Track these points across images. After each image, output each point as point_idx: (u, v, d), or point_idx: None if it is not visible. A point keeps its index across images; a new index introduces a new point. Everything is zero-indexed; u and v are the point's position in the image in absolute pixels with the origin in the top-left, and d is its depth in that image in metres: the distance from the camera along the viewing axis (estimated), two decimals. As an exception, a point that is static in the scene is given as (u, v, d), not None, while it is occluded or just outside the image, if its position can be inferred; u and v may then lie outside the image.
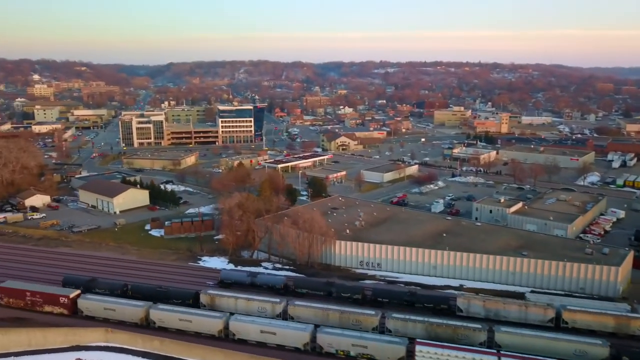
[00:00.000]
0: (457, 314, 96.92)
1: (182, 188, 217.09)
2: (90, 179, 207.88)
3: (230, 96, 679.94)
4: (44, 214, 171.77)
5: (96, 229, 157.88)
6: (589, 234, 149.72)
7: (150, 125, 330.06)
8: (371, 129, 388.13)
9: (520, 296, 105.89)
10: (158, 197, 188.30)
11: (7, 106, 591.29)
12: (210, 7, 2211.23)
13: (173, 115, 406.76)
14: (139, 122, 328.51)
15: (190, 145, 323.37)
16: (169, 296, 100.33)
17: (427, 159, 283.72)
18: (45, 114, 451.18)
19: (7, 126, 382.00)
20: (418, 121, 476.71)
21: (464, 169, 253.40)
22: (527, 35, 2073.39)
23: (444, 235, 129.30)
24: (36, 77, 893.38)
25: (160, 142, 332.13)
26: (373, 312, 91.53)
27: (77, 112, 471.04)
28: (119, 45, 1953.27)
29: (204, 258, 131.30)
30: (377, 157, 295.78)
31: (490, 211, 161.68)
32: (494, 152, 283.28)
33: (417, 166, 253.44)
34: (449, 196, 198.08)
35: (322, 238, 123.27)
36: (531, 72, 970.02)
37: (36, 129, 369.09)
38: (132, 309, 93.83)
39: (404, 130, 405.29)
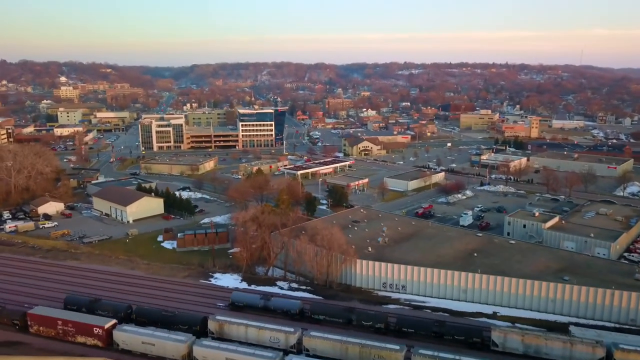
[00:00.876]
0: (491, 348, 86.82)
1: (199, 195, 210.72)
2: (106, 186, 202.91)
3: (252, 98, 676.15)
4: (55, 223, 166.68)
5: (107, 239, 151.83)
6: (634, 253, 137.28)
7: (170, 129, 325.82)
8: (395, 132, 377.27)
9: (563, 327, 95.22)
10: (173, 205, 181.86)
11: (32, 108, 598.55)
12: (234, 9, 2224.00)
13: (194, 118, 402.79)
14: (159, 126, 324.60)
15: (210, 150, 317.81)
16: (175, 321, 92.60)
17: (453, 165, 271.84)
18: (68, 116, 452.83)
19: (30, 129, 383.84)
20: (443, 124, 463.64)
21: (493, 176, 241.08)
22: (555, 36, 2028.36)
23: (475, 254, 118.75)
24: (63, 79, 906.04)
25: (180, 146, 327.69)
26: (397, 347, 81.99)
27: (99, 115, 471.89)
28: (144, 48, 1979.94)
29: (216, 275, 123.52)
30: (401, 162, 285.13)
31: (524, 226, 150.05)
32: (524, 158, 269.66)
33: (443, 173, 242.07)
34: (478, 207, 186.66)
35: (341, 256, 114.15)
36: (560, 74, 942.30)
37: (58, 131, 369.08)
38: (173, 344, 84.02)
39: (428, 134, 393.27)
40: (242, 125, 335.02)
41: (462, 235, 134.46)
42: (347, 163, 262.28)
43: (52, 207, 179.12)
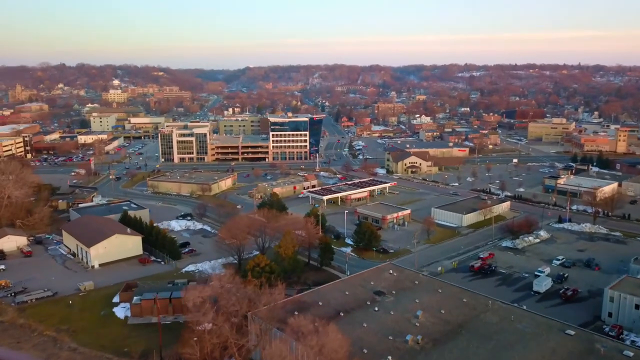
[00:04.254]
0: None
1: (198, 226, 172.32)
2: (85, 213, 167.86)
3: (299, 103, 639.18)
4: (2, 266, 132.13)
5: (50, 297, 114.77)
6: None
7: (193, 139, 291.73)
8: (450, 144, 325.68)
9: None
10: (155, 244, 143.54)
11: (77, 112, 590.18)
12: (290, 12, 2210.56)
13: (225, 126, 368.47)
14: (180, 135, 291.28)
15: (233, 163, 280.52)
16: None
17: (521, 190, 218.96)
18: (101, 121, 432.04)
19: (55, 135, 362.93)
20: (508, 134, 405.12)
21: (575, 208, 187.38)
22: (633, 35, 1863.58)
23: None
24: (116, 82, 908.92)
25: (204, 158, 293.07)
26: None
27: (133, 120, 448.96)
28: (199, 51, 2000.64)
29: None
30: (456, 184, 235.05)
31: (638, 306, 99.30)
32: (615, 183, 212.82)
33: (508, 203, 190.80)
34: (558, 259, 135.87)
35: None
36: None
37: (81, 139, 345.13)
38: None
39: (490, 146, 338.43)
40: (272, 135, 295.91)
41: (541, 329, 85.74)
42: (387, 185, 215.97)
43: (11, 241, 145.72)
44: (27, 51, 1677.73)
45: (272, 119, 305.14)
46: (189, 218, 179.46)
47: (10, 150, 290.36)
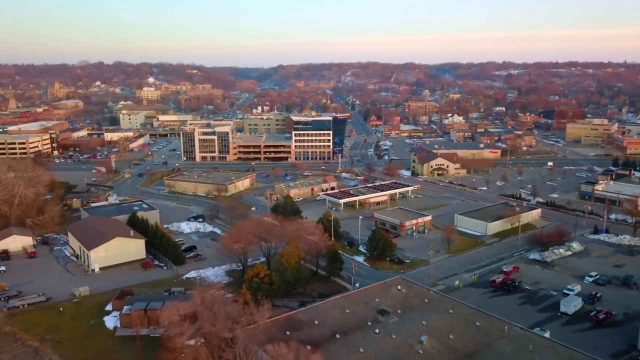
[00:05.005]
0: None
1: (209, 229, 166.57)
2: (94, 213, 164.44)
3: (328, 101, 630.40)
4: (2, 268, 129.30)
5: (42, 303, 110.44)
6: None
7: (215, 137, 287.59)
8: (481, 145, 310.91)
9: None
10: (159, 247, 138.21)
11: (110, 110, 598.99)
12: (325, 11, 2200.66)
13: (250, 125, 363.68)
14: (203, 134, 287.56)
15: (254, 163, 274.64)
16: None
17: (554, 196, 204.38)
18: (130, 119, 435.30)
19: (82, 132, 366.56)
20: (544, 135, 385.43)
21: (614, 217, 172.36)
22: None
23: None
24: (151, 80, 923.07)
25: (226, 157, 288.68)
26: None
27: (162, 118, 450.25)
28: (234, 49, 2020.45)
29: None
30: (484, 188, 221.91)
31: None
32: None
33: (539, 210, 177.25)
34: (591, 276, 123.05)
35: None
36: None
37: (108, 136, 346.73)
38: None
39: (524, 148, 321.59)
40: (295, 134, 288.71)
41: (564, 362, 75.00)
42: (409, 188, 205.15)
43: (15, 241, 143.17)
44: (68, 50, 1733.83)
45: (294, 118, 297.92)
46: (200, 220, 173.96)
47: (37, 147, 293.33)
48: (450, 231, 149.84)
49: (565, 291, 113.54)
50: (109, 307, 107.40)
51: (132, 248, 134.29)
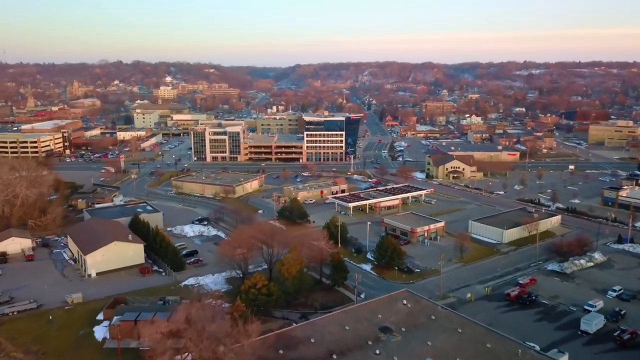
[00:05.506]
0: None
1: (212, 232, 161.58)
2: (96, 215, 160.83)
3: (344, 101, 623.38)
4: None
5: (33, 310, 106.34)
6: None
7: (226, 137, 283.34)
8: (499, 147, 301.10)
9: None
10: (159, 252, 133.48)
11: (127, 108, 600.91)
12: (343, 10, 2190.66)
13: (262, 125, 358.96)
14: (213, 134, 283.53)
15: (264, 164, 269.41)
16: None
17: (576, 201, 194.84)
18: (144, 118, 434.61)
19: (95, 131, 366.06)
20: (565, 137, 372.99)
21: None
22: None
23: None
24: (168, 79, 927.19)
25: (237, 157, 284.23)
26: None
27: (176, 117, 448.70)
28: (252, 49, 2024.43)
29: None
30: (501, 192, 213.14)
31: None
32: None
33: (559, 217, 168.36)
34: (614, 290, 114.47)
35: None
36: None
37: (120, 135, 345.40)
38: None
39: (544, 150, 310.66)
40: (307, 135, 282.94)
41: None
42: (422, 192, 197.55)
43: (14, 244, 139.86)
44: (89, 49, 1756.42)
45: (306, 118, 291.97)
46: (205, 223, 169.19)
47: (49, 146, 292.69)
48: (464, 239, 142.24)
49: (586, 307, 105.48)
50: (100, 316, 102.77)
51: (130, 252, 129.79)
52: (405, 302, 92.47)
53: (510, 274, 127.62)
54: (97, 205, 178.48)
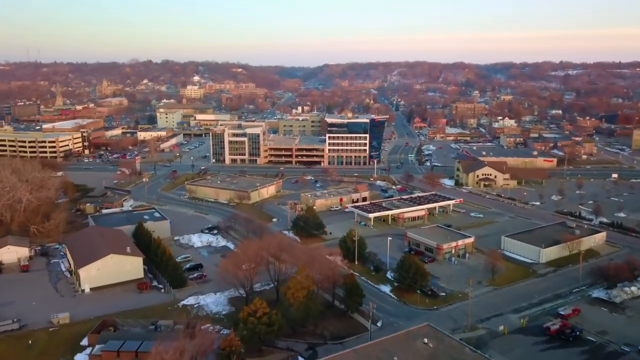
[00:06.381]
0: None
1: (221, 243, 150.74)
2: (104, 221, 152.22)
3: (371, 101, 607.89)
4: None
5: (15, 331, 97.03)
6: None
7: (245, 139, 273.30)
8: (534, 152, 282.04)
9: None
10: (159, 266, 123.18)
11: (153, 108, 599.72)
12: (372, 10, 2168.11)
13: (285, 126, 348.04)
14: (233, 135, 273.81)
15: (282, 168, 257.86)
16: None
17: (621, 214, 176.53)
18: (167, 117, 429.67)
19: (117, 131, 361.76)
20: (606, 142, 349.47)
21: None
22: None
23: None
24: (196, 78, 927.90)
25: (256, 160, 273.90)
26: None
27: (199, 117, 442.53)
28: (281, 49, 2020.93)
29: None
30: (537, 203, 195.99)
31: None
32: None
33: (604, 233, 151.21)
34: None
35: None
36: None
37: (141, 135, 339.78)
38: None
39: (584, 156, 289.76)
40: (329, 137, 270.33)
41: None
42: (450, 202, 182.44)
43: (10, 253, 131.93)
44: (120, 49, 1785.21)
45: (329, 120, 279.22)
46: (214, 232, 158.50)
47: (68, 146, 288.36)
48: (496, 258, 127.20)
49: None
50: (84, 342, 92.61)
51: (128, 266, 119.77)
52: (426, 340, 79.01)
53: (549, 302, 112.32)
54: (103, 211, 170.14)
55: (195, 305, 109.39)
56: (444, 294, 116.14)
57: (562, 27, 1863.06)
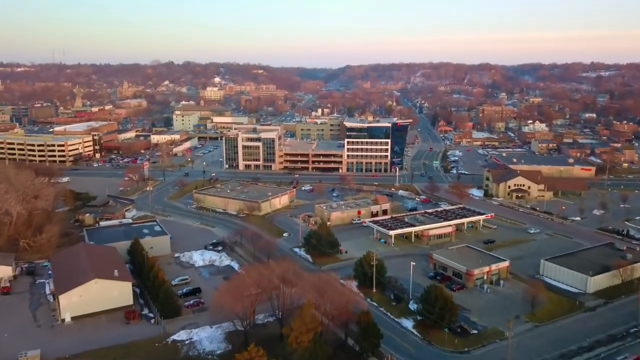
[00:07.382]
0: None
1: (225, 262, 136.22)
2: (100, 235, 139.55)
3: (394, 103, 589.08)
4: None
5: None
6: None
7: (260, 144, 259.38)
8: (570, 160, 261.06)
9: None
10: (151, 291, 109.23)
11: (170, 109, 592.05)
12: (395, 10, 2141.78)
13: (302, 130, 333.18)
14: (246, 140, 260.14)
15: (297, 175, 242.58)
16: None
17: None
18: (183, 120, 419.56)
19: (130, 134, 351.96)
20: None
21: None
22: None
23: None
24: (217, 79, 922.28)
25: (271, 166, 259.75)
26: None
27: (216, 119, 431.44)
28: (302, 50, 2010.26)
29: None
30: (578, 218, 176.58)
31: None
32: None
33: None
34: None
35: None
36: None
37: (154, 138, 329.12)
38: None
39: (625, 164, 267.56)
40: (347, 142, 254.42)
41: None
42: (481, 218, 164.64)
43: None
44: (143, 50, 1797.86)
45: (347, 124, 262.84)
46: (219, 249, 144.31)
47: (78, 149, 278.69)
48: (537, 288, 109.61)
49: None
50: (52, 389, 78.95)
51: (115, 292, 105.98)
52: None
53: (604, 345, 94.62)
54: (101, 223, 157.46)
55: (186, 342, 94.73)
56: (476, 331, 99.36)
57: (593, 27, 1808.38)
